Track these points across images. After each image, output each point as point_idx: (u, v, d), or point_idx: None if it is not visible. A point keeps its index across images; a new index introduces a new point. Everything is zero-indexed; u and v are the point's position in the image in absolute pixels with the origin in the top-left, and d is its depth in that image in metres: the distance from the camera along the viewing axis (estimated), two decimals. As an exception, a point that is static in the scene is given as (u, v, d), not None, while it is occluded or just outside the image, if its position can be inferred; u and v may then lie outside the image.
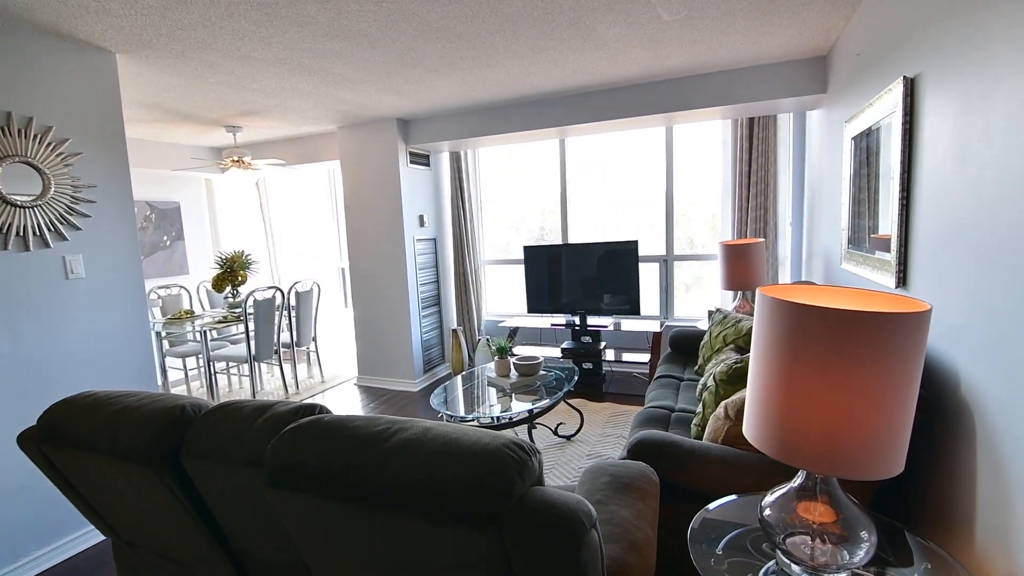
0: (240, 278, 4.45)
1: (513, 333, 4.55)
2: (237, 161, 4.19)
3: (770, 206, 4.03)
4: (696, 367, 3.09)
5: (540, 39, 2.65)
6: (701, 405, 2.22)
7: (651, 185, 4.64)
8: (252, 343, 4.09)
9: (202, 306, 5.00)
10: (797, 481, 1.22)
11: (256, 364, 4.16)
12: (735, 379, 2.08)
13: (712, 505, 1.50)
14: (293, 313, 4.58)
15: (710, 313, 3.89)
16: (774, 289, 1.21)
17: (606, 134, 4.64)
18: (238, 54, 2.62)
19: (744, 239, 3.86)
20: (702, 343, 3.26)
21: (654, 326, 4.20)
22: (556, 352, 4.47)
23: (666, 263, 4.62)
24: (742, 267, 3.60)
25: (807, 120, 3.95)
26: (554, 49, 2.83)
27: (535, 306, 4.54)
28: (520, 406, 2.81)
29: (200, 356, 4.47)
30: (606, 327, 4.29)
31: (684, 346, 3.46)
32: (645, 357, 4.27)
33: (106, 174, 2.46)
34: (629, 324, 4.33)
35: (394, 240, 4.44)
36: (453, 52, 2.77)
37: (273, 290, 4.20)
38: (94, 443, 1.33)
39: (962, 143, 1.43)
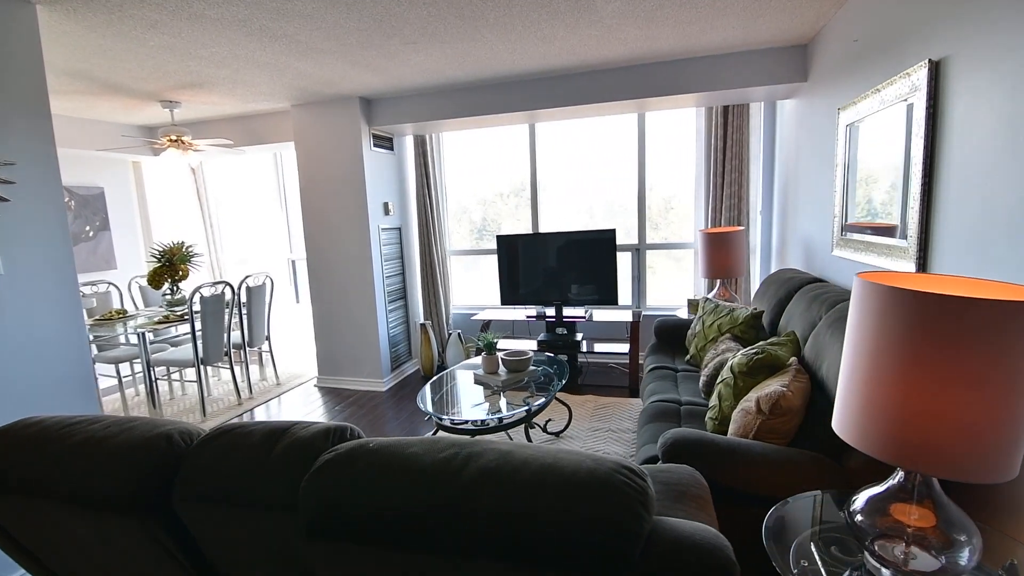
0: (180, 273, 3.98)
1: (486, 327, 4.36)
2: (176, 141, 3.71)
3: (744, 195, 4.06)
4: (687, 357, 3.04)
5: (535, 10, 2.46)
6: (715, 398, 2.14)
7: (623, 174, 4.57)
8: (199, 345, 3.66)
9: (135, 304, 4.44)
10: (893, 481, 1.13)
11: (203, 368, 3.74)
12: (756, 371, 2.01)
13: (783, 504, 1.40)
14: (244, 310, 4.15)
15: (690, 302, 3.88)
16: (879, 276, 1.10)
17: (578, 121, 4.51)
18: (189, 11, 2.25)
19: (725, 227, 3.87)
20: (691, 333, 3.22)
21: (626, 315, 4.14)
22: (531, 345, 4.33)
23: (638, 252, 4.58)
24: (723, 255, 3.60)
25: (778, 109, 3.99)
26: (547, 23, 2.64)
27: (509, 297, 4.37)
28: (517, 405, 2.64)
29: (138, 361, 3.97)
30: (583, 318, 4.19)
31: (670, 336, 3.41)
32: (620, 347, 4.21)
33: (27, 149, 2.04)
34: (605, 314, 4.25)
35: (358, 229, 4.11)
36: (438, 21, 2.52)
37: (222, 285, 3.78)
38: (47, 488, 1.04)
39: (1015, 126, 1.39)
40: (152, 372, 3.59)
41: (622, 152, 4.53)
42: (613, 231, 4.06)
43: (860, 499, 1.16)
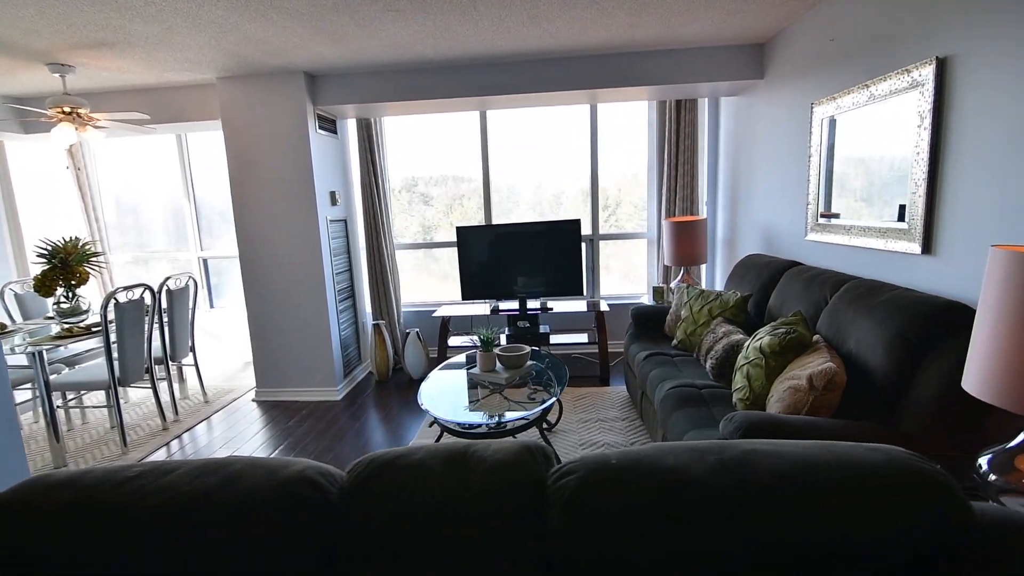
0: (79, 276, 3.26)
1: (446, 324, 4.14)
2: (70, 114, 3.01)
3: (696, 186, 4.27)
4: (674, 343, 3.11)
5: (544, -14, 2.33)
6: (742, 379, 2.20)
7: (575, 166, 4.58)
8: (115, 362, 3.02)
9: (10, 316, 3.55)
10: (1020, 438, 1.21)
11: (114, 391, 3.08)
12: (787, 351, 2.09)
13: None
14: (165, 318, 3.51)
15: (656, 289, 3.99)
16: (1019, 248, 1.16)
17: (529, 113, 4.44)
18: (141, -55, 1.80)
19: (689, 216, 4.03)
20: (672, 318, 3.31)
21: (588, 306, 4.16)
22: (499, 339, 4.18)
23: (592, 242, 4.63)
24: (688, 243, 3.75)
25: (722, 105, 4.24)
26: (543, 1, 2.52)
27: (471, 292, 4.18)
28: (523, 402, 2.51)
29: (26, 387, 3.18)
30: (550, 309, 4.14)
31: (647, 322, 3.48)
32: (579, 337, 4.22)
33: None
34: (567, 305, 4.24)
35: (304, 221, 3.66)
36: (437, -12, 2.29)
37: (141, 289, 3.15)
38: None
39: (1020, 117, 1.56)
40: (51, 399, 2.88)
41: (574, 144, 4.54)
42: (578, 221, 4.05)
43: (987, 454, 1.23)
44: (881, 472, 0.74)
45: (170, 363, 3.55)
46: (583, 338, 4.21)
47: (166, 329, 3.51)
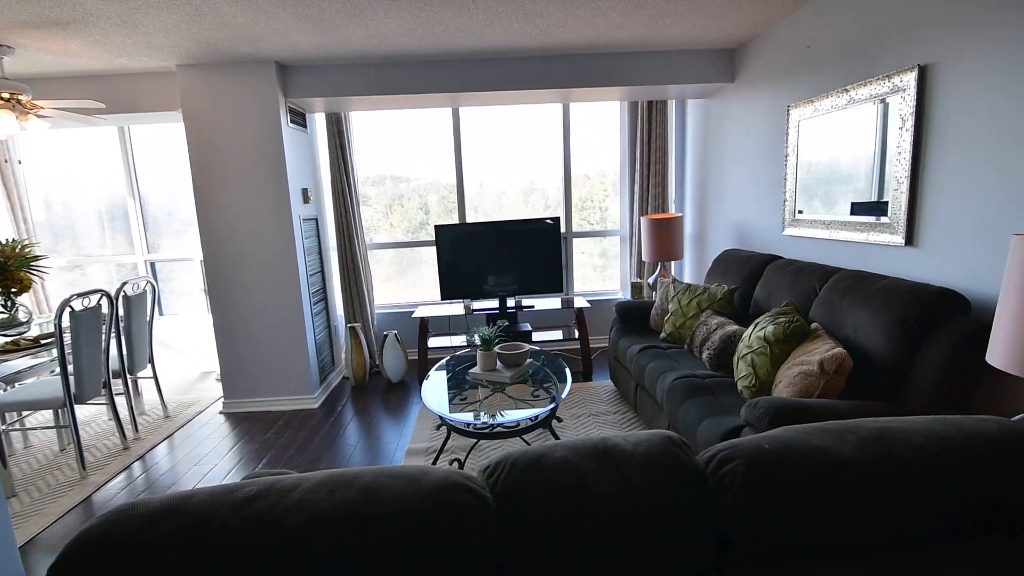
0: (20, 283, 2.91)
1: (425, 325, 4.04)
2: (9, 101, 2.69)
3: (668, 185, 4.41)
4: (664, 335, 3.20)
5: (548, -18, 2.33)
6: (747, 367, 2.29)
7: (547, 164, 4.62)
8: (70, 377, 2.72)
9: (-69, 331, 3.10)
10: None
11: (70, 409, 2.77)
12: (790, 339, 2.20)
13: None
14: (122, 326, 3.21)
15: (634, 285, 4.09)
16: None
17: (503, 113, 4.42)
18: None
19: (665, 214, 4.15)
20: (657, 312, 3.40)
21: (571, 303, 4.21)
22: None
23: (566, 240, 4.68)
24: (666, 239, 3.87)
25: (688, 108, 4.41)
26: (544, -3, 2.52)
27: (450, 291, 4.11)
28: (528, 401, 2.50)
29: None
30: (531, 307, 4.14)
31: (632, 317, 3.55)
32: (554, 335, 4.24)
33: None
34: (545, 303, 4.25)
35: (276, 220, 3.46)
36: (442, -21, 2.23)
37: (98, 295, 2.85)
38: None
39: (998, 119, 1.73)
40: (-6, 422, 2.55)
41: (544, 144, 4.57)
42: (557, 219, 4.08)
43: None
44: (1002, 438, 0.80)
45: (128, 376, 3.24)
46: (558, 335, 4.24)
47: (123, 339, 3.20)
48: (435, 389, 2.71)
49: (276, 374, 3.63)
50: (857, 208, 2.50)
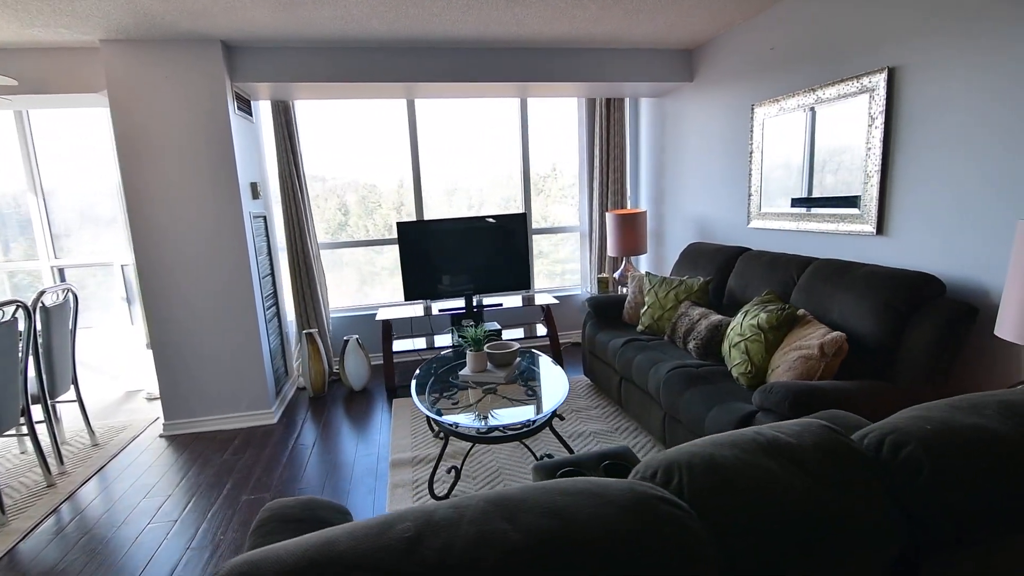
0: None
1: (388, 328, 3.83)
2: None
3: (626, 181, 4.50)
4: (641, 328, 3.25)
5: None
6: (741, 355, 2.37)
7: (506, 161, 4.55)
8: (-21, 407, 2.26)
9: None
10: None
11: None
12: (783, 325, 2.29)
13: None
14: (40, 342, 2.73)
15: (601, 280, 4.13)
16: None
17: (460, 104, 4.30)
18: None
19: (630, 209, 4.22)
20: (640, 305, 3.44)
21: (537, 300, 4.18)
22: (446, 340, 3.99)
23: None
24: (632, 234, 3.94)
25: (641, 106, 4.53)
26: (533, -15, 2.45)
27: (415, 291, 3.93)
28: (522, 401, 2.43)
29: None
30: (500, 305, 4.06)
31: (607, 312, 3.58)
32: (515, 333, 4.19)
33: None
34: (509, 301, 4.19)
35: (225, 218, 3.11)
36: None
37: (13, 307, 2.40)
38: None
39: (962, 116, 1.91)
40: None
41: (504, 139, 4.50)
42: (524, 215, 4.03)
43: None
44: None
45: (48, 400, 2.77)
46: (524, 332, 4.19)
47: (42, 357, 2.73)
48: (423, 393, 2.56)
49: (227, 389, 3.27)
50: (831, 201, 2.66)
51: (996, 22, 1.86)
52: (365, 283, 4.51)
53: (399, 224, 3.81)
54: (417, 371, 2.84)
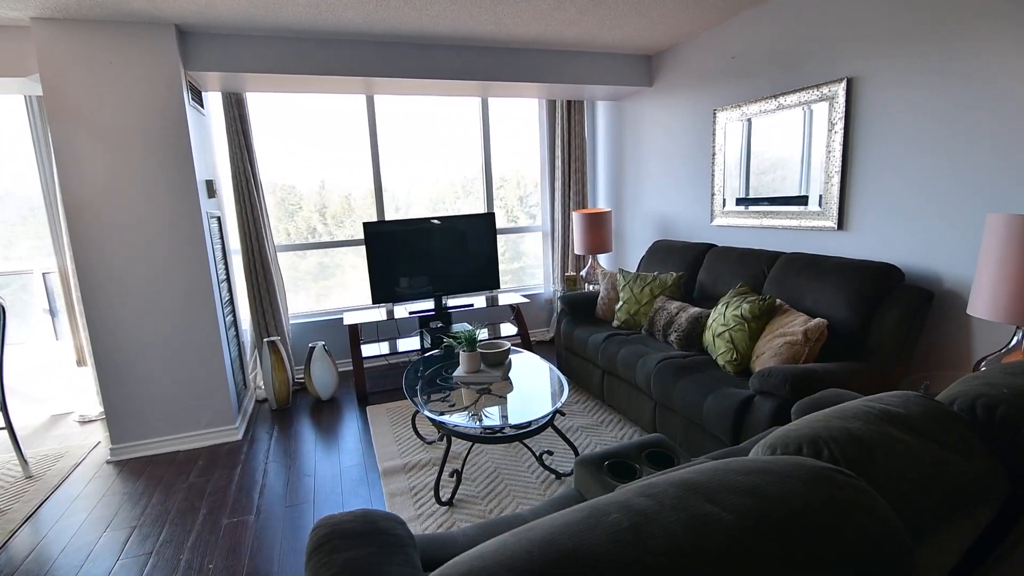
0: None
1: (356, 332, 3.69)
2: None
3: (587, 181, 4.62)
4: (618, 323, 3.35)
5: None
6: (725, 344, 2.52)
7: (469, 161, 4.52)
8: None
9: None
10: (1012, 341, 1.69)
11: None
12: (764, 315, 2.46)
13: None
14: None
15: (569, 278, 4.22)
16: (1010, 216, 1.61)
17: (420, 107, 4.22)
18: None
19: (595, 209, 4.33)
20: (614, 301, 3.54)
21: (503, 300, 4.19)
22: (414, 343, 3.89)
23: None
24: (598, 233, 4.06)
25: (598, 110, 4.67)
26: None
27: (383, 295, 3.80)
28: (543, 399, 2.44)
29: None
30: (471, 305, 4.02)
31: (581, 309, 3.66)
32: (484, 334, 4.18)
33: None
34: (477, 302, 4.18)
35: (181, 218, 2.85)
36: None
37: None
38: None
39: (914, 123, 2.16)
40: None
41: (466, 140, 4.47)
42: (493, 214, 4.02)
43: (994, 357, 1.69)
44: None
45: (-27, 430, 2.40)
46: (485, 333, 4.18)
47: (-36, 381, 2.36)
48: (416, 396, 2.49)
49: (185, 405, 2.99)
50: (793, 199, 2.89)
51: (944, 39, 2.11)
52: (321, 287, 4.30)
53: (366, 224, 3.68)
54: (406, 373, 2.76)
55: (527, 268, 4.93)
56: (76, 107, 2.59)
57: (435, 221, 3.87)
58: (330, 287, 4.28)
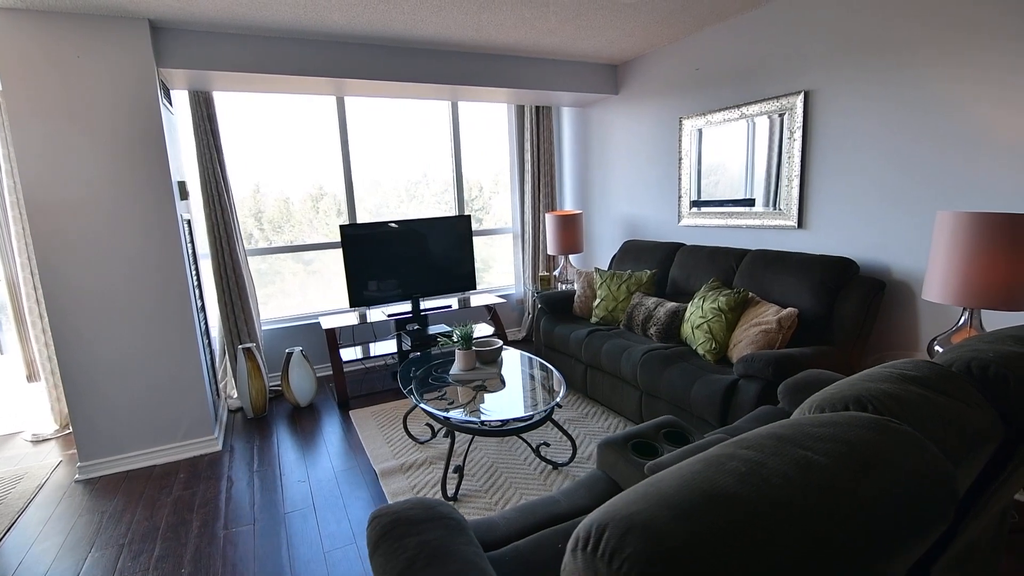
0: None
1: (334, 337, 3.64)
2: None
3: (555, 184, 4.77)
4: (596, 319, 3.50)
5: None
6: (704, 335, 2.72)
7: (439, 162, 4.56)
8: None
9: None
10: (960, 321, 1.96)
11: None
12: (739, 307, 2.68)
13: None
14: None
15: (543, 278, 4.35)
16: (958, 213, 1.87)
17: (391, 105, 4.23)
18: None
19: (567, 211, 4.47)
20: (591, 298, 3.69)
21: (477, 301, 4.26)
22: (391, 347, 3.89)
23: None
24: (571, 234, 4.21)
25: (564, 116, 4.84)
26: (510, -6, 2.56)
27: (360, 298, 3.77)
28: (541, 395, 2.54)
29: None
30: (449, 307, 4.06)
31: (559, 307, 3.79)
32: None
33: None
34: (453, 302, 4.23)
35: (156, 222, 2.73)
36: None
37: None
38: None
39: (861, 131, 2.46)
40: None
41: (435, 144, 4.51)
42: (469, 217, 4.08)
43: (943, 336, 1.95)
44: None
45: (-71, 453, 2.20)
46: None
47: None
48: (415, 394, 2.52)
49: (160, 417, 2.86)
50: (753, 201, 3.15)
51: (890, 53, 2.40)
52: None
53: (343, 227, 3.64)
54: (400, 370, 2.77)
55: (492, 270, 5.01)
56: (39, 103, 2.44)
57: (412, 223, 3.88)
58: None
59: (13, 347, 3.24)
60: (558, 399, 2.38)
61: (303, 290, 4.20)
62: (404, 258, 3.89)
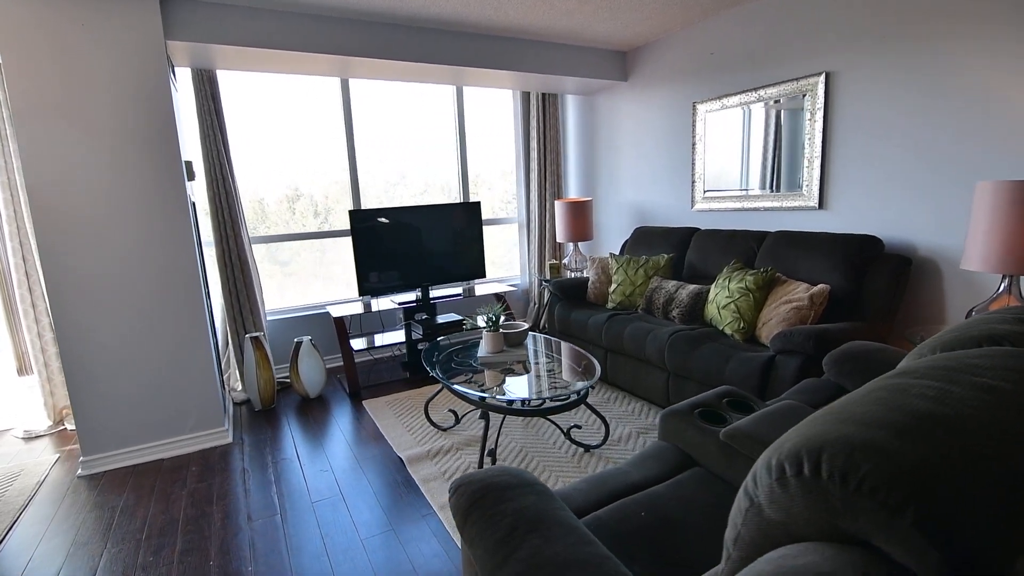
0: None
1: (343, 325, 3.53)
2: None
3: (561, 172, 4.73)
4: (613, 304, 3.47)
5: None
6: (732, 315, 2.71)
7: (442, 152, 4.48)
8: None
9: None
10: (1000, 288, 1.98)
11: None
12: (767, 285, 2.68)
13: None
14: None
15: (553, 266, 4.31)
16: (998, 183, 1.89)
17: (395, 91, 4.13)
18: None
19: (577, 198, 4.43)
20: (607, 283, 3.66)
21: (481, 290, 4.20)
22: (399, 336, 3.79)
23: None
24: (580, 221, 4.18)
25: (569, 103, 4.81)
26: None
27: (369, 286, 3.66)
28: (573, 377, 2.48)
29: None
30: (459, 295, 3.98)
31: (572, 294, 3.74)
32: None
33: None
34: (459, 291, 4.15)
35: (165, 205, 2.59)
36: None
37: None
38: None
39: (884, 115, 2.48)
40: None
41: (440, 131, 4.43)
42: (479, 203, 4.02)
43: (981, 305, 1.97)
44: None
45: (-76, 446, 2.03)
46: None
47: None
48: (446, 377, 2.44)
49: (169, 408, 2.72)
50: (775, 182, 3.16)
51: (911, 38, 2.43)
52: (285, 281, 4.06)
53: (352, 212, 3.53)
54: (423, 355, 2.69)
55: (492, 263, 4.94)
56: (41, 79, 2.29)
57: (422, 209, 3.79)
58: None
59: (3, 338, 3.05)
60: (594, 379, 2.33)
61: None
62: (413, 244, 3.80)
